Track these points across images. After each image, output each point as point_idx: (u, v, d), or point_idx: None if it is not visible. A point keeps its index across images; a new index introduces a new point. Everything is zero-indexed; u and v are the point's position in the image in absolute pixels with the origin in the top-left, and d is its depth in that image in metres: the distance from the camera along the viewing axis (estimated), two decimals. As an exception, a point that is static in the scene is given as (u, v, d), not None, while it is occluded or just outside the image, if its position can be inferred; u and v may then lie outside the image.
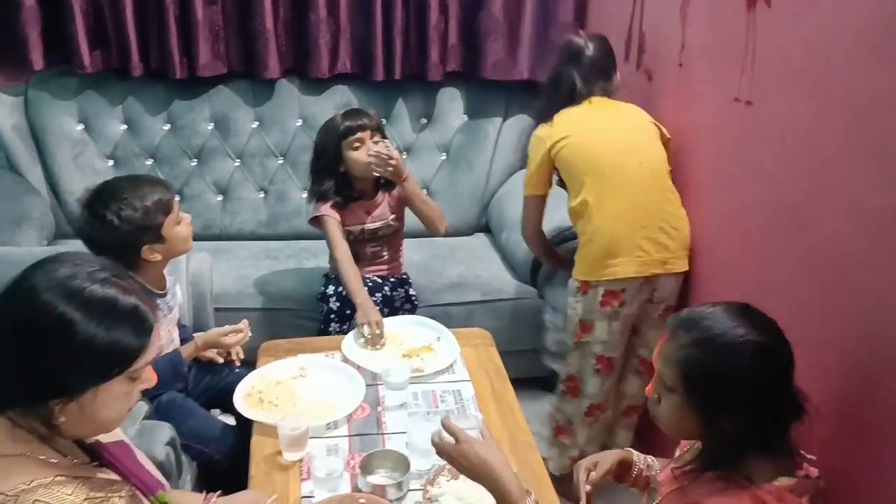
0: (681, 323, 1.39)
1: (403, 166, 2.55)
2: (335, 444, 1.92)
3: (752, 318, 1.36)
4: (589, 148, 2.32)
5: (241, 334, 2.17)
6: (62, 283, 1.11)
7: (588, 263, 2.34)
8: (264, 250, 3.24)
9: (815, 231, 1.66)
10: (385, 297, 2.73)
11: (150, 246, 1.98)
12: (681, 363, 1.35)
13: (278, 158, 3.41)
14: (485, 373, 2.24)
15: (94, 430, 1.21)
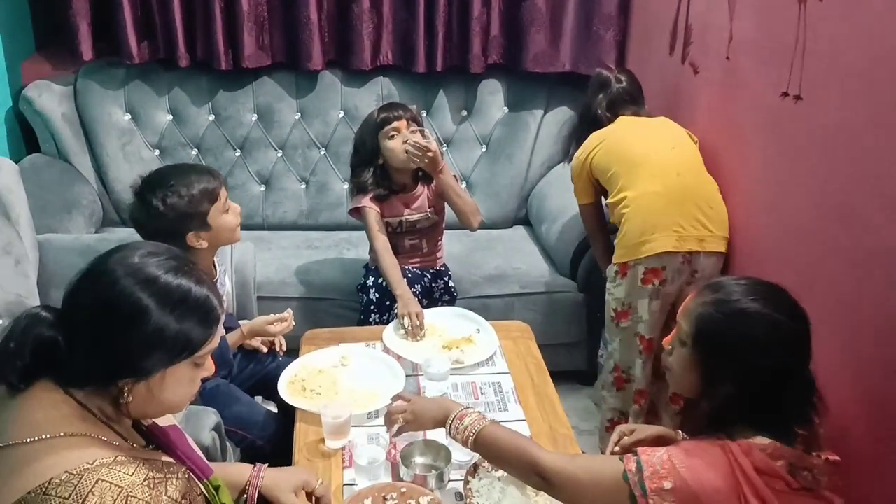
0: (710, 284, 1.45)
1: (440, 157, 2.56)
2: (376, 433, 1.94)
3: (778, 298, 1.39)
4: (620, 145, 2.45)
5: (286, 323, 2.20)
6: (139, 270, 1.15)
7: (626, 245, 2.40)
8: (305, 240, 3.27)
9: (862, 230, 1.63)
10: (424, 289, 2.74)
11: (195, 233, 2.00)
12: (696, 318, 1.40)
13: (320, 149, 3.44)
14: (524, 365, 2.25)
15: (158, 412, 1.26)
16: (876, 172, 1.60)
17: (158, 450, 1.26)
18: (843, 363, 1.57)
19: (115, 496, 1.06)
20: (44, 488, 1.05)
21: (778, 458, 1.33)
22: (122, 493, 1.07)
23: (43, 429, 1.11)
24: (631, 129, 2.50)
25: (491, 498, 1.68)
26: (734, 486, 1.30)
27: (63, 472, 1.06)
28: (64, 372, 1.16)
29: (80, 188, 3.21)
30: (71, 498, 1.04)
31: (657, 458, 1.33)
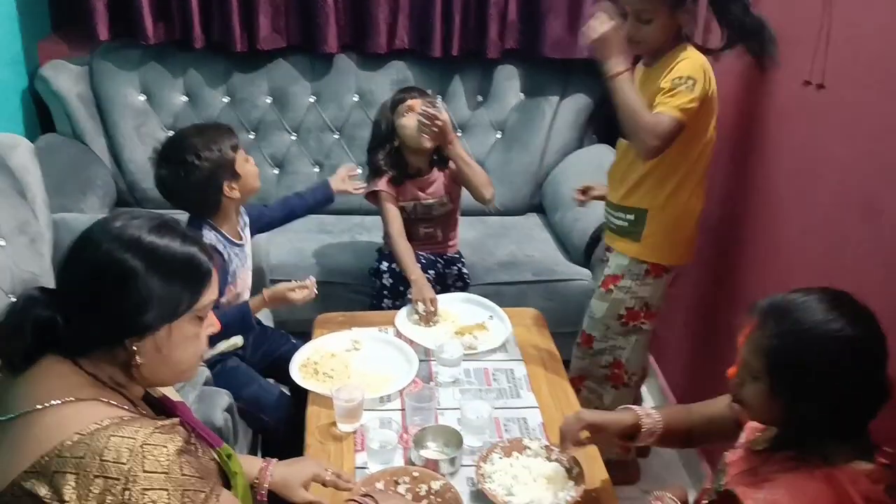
0: (770, 311, 1.35)
1: (451, 129, 2.54)
2: (389, 418, 1.94)
3: (846, 309, 1.31)
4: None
5: (307, 291, 2.18)
6: (121, 234, 1.18)
7: (673, 246, 2.26)
8: (319, 224, 3.26)
9: (885, 223, 1.61)
10: (437, 275, 2.73)
11: (228, 182, 2.08)
12: (768, 353, 1.32)
13: (334, 133, 3.43)
14: (537, 353, 2.24)
15: (171, 374, 1.27)
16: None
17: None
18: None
19: (130, 447, 1.08)
20: (57, 451, 1.07)
21: (879, 482, 1.29)
22: (136, 443, 1.08)
23: (52, 395, 1.13)
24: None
25: (503, 483, 1.68)
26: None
27: (74, 434, 1.08)
28: (68, 345, 1.18)
29: (94, 169, 3.21)
30: (86, 457, 1.06)
31: (761, 501, 1.27)
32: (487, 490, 1.65)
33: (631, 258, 2.28)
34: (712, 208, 2.32)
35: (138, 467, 1.07)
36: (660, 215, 2.21)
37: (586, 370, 2.46)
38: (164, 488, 1.08)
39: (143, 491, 1.06)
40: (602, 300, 2.35)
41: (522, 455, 1.76)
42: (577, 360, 2.47)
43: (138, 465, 1.07)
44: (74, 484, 1.05)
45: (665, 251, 2.26)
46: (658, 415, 1.67)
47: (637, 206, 2.24)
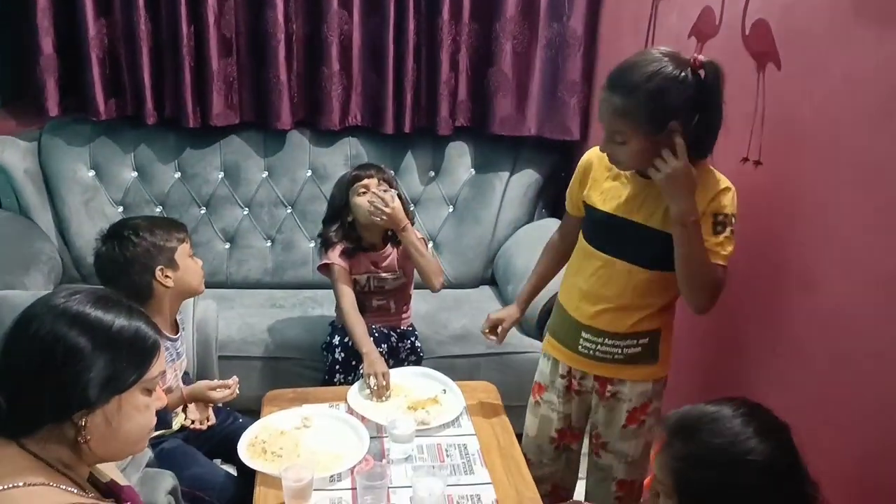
0: (677, 428, 1.33)
1: (401, 215, 2.55)
2: (339, 497, 1.90)
3: (758, 423, 1.28)
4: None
5: (229, 391, 2.11)
6: (66, 311, 1.16)
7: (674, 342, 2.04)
8: (269, 299, 3.23)
9: (826, 294, 1.66)
10: (391, 348, 2.72)
11: (163, 269, 2.05)
12: (677, 475, 1.30)
13: (287, 208, 3.43)
14: (490, 427, 2.22)
15: (120, 447, 1.23)
16: (835, 238, 1.63)
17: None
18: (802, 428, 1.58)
19: None
20: None
21: None
22: None
23: (1, 481, 1.09)
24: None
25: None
26: None
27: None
28: (12, 426, 1.14)
29: (39, 244, 3.15)
30: None
31: None
32: (440, 571, 1.61)
33: (653, 381, 2.03)
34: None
35: None
36: (668, 326, 2.02)
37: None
38: None
39: None
40: (633, 438, 2.05)
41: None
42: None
43: None
44: None
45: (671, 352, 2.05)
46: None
47: (651, 329, 1.97)
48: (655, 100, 1.71)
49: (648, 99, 1.71)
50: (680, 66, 1.72)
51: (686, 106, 1.73)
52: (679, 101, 1.72)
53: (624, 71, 1.77)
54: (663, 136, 1.73)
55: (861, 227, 1.55)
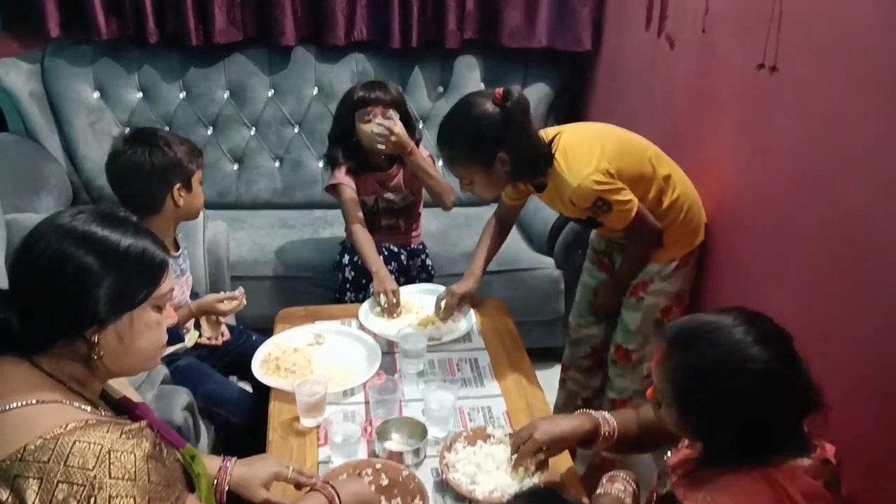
0: (676, 339, 1.33)
1: (406, 140, 2.51)
2: (352, 411, 1.93)
3: (757, 331, 1.27)
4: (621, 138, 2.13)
5: (236, 302, 2.14)
6: (72, 230, 1.15)
7: (690, 232, 2.16)
8: (280, 219, 3.23)
9: (840, 203, 1.63)
10: (401, 267, 2.72)
11: (180, 187, 2.03)
12: (676, 385, 1.31)
13: (294, 127, 3.39)
14: (500, 342, 2.24)
15: (134, 363, 1.24)
16: (851, 146, 1.59)
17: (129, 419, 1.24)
18: (826, 345, 1.57)
19: (96, 453, 1.06)
20: (20, 455, 1.05)
21: (818, 477, 1.30)
22: (102, 449, 1.06)
23: (13, 398, 1.11)
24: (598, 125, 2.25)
25: (466, 472, 1.67)
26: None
27: (37, 438, 1.06)
28: (25, 344, 1.15)
29: (48, 167, 3.14)
30: (50, 462, 1.04)
31: (701, 502, 1.27)
32: (451, 480, 1.64)
33: (658, 264, 2.17)
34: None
35: (104, 474, 1.05)
36: (672, 221, 2.13)
37: (627, 388, 2.30)
38: (130, 496, 1.06)
39: (108, 498, 1.04)
40: (634, 310, 2.21)
41: (486, 443, 1.76)
42: (619, 380, 2.30)
43: (104, 471, 1.05)
44: (37, 488, 1.03)
45: (689, 239, 2.18)
46: (614, 420, 1.66)
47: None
48: (472, 142, 1.94)
49: (467, 144, 1.95)
50: (484, 103, 1.92)
51: (501, 135, 1.92)
52: (493, 135, 1.92)
53: (442, 127, 2.01)
54: (497, 164, 1.95)
55: (881, 135, 1.50)
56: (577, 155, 1.98)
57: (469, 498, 1.62)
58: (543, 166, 2.00)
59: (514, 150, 1.94)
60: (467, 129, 1.95)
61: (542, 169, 2.00)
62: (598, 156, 1.97)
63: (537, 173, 2.03)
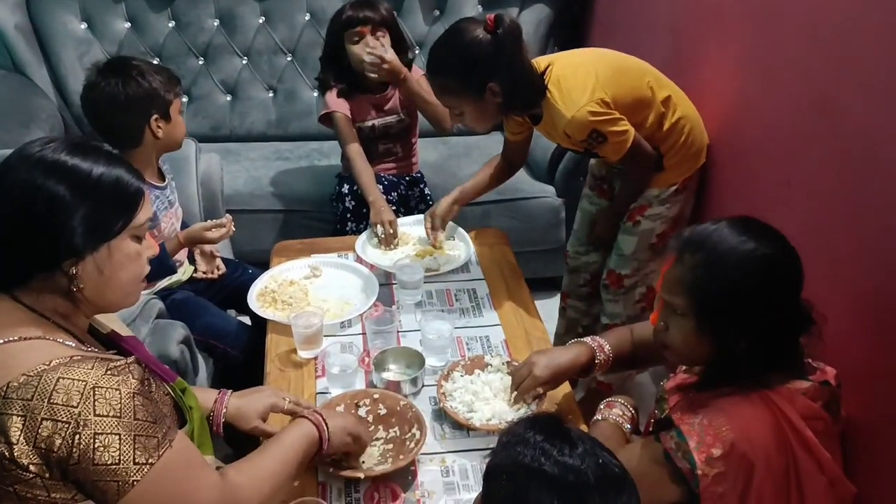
0: (685, 245, 1.34)
1: (398, 67, 2.43)
2: (350, 342, 1.92)
3: (757, 231, 1.32)
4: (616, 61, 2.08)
5: (224, 229, 2.11)
6: (41, 160, 1.11)
7: (691, 156, 2.12)
8: (275, 151, 3.18)
9: (846, 122, 1.57)
10: (400, 197, 2.68)
11: (157, 118, 1.97)
12: (690, 286, 1.31)
13: (286, 55, 3.30)
14: (499, 271, 2.22)
15: (116, 296, 1.21)
16: (857, 62, 1.52)
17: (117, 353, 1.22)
18: (828, 263, 1.54)
19: (80, 390, 1.04)
20: (3, 392, 1.03)
21: (817, 399, 1.31)
22: (86, 386, 1.04)
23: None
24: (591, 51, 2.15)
25: (464, 400, 1.66)
26: (781, 437, 1.27)
27: (20, 375, 1.04)
28: (3, 278, 1.12)
29: (38, 102, 3.07)
30: (34, 399, 1.02)
31: (697, 425, 1.28)
32: (448, 408, 1.64)
33: (657, 188, 2.13)
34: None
35: (89, 411, 1.03)
36: (672, 144, 2.08)
37: (619, 314, 2.30)
38: (115, 433, 1.04)
39: (93, 435, 1.03)
40: (630, 234, 2.19)
41: (484, 372, 1.75)
42: (611, 305, 2.30)
43: (89, 408, 1.03)
44: (21, 426, 1.01)
45: (689, 163, 2.13)
46: (608, 345, 1.65)
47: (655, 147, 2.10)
48: (462, 71, 1.88)
49: (456, 73, 1.89)
50: (475, 30, 1.86)
51: (492, 64, 1.86)
52: (483, 63, 1.86)
53: (432, 54, 1.95)
54: (488, 96, 1.89)
55: (884, 48, 1.43)
56: (571, 85, 1.93)
57: (466, 426, 1.62)
58: (536, 98, 1.95)
59: (505, 81, 1.88)
60: (457, 57, 1.89)
61: (535, 101, 1.96)
62: (593, 85, 1.91)
63: (529, 105, 1.98)
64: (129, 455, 1.05)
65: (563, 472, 0.95)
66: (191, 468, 1.15)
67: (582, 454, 0.97)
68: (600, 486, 0.95)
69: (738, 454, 1.26)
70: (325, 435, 1.40)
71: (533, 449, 0.97)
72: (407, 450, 1.54)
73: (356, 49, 2.45)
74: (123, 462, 1.04)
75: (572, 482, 0.94)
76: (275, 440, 1.37)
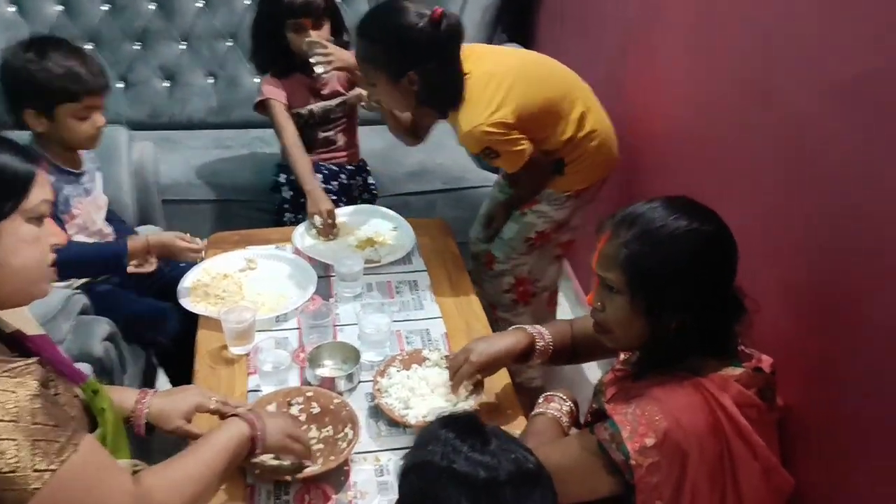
0: (621, 221, 1.32)
1: (350, 61, 2.28)
2: (285, 338, 1.86)
3: (692, 209, 1.30)
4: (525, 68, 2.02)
5: (196, 254, 1.98)
6: None
7: (594, 168, 2.10)
8: (215, 139, 3.08)
9: (780, 107, 1.55)
10: (342, 186, 2.61)
11: (32, 111, 1.84)
12: (625, 261, 1.29)
13: (227, 40, 3.20)
14: (441, 263, 2.17)
15: (17, 285, 1.13)
16: (792, 46, 1.50)
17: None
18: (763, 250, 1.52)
19: None
20: None
21: (750, 386, 1.30)
22: None
23: None
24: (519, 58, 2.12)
25: (400, 396, 1.62)
26: (715, 424, 1.25)
27: None
28: None
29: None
30: None
31: (630, 414, 1.26)
32: (384, 405, 1.59)
33: (552, 189, 2.12)
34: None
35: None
36: (578, 156, 2.06)
37: (490, 295, 2.29)
38: (12, 438, 0.97)
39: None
40: (515, 222, 2.20)
41: (421, 367, 1.70)
42: (486, 284, 2.30)
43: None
44: None
45: (590, 173, 2.11)
46: (548, 334, 1.62)
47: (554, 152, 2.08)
48: (389, 48, 1.86)
49: (383, 48, 1.86)
50: (419, 16, 1.83)
51: (420, 56, 1.84)
52: (412, 51, 1.84)
53: (367, 17, 1.93)
54: (404, 82, 1.88)
55: (816, 34, 1.41)
56: (477, 98, 1.91)
57: (402, 423, 1.57)
58: (449, 106, 1.95)
59: (427, 77, 1.87)
60: (389, 33, 1.86)
61: (447, 108, 1.96)
62: (500, 101, 1.90)
63: (441, 109, 1.98)
64: (27, 462, 0.98)
65: (474, 468, 0.93)
66: (100, 473, 1.08)
67: (495, 450, 0.95)
68: (512, 481, 0.93)
69: (671, 443, 1.24)
70: (259, 435, 1.34)
71: (444, 446, 0.95)
72: (339, 450, 1.48)
73: (297, 40, 2.36)
74: (21, 469, 0.97)
75: (483, 478, 0.92)
76: (202, 441, 1.31)
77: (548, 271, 2.33)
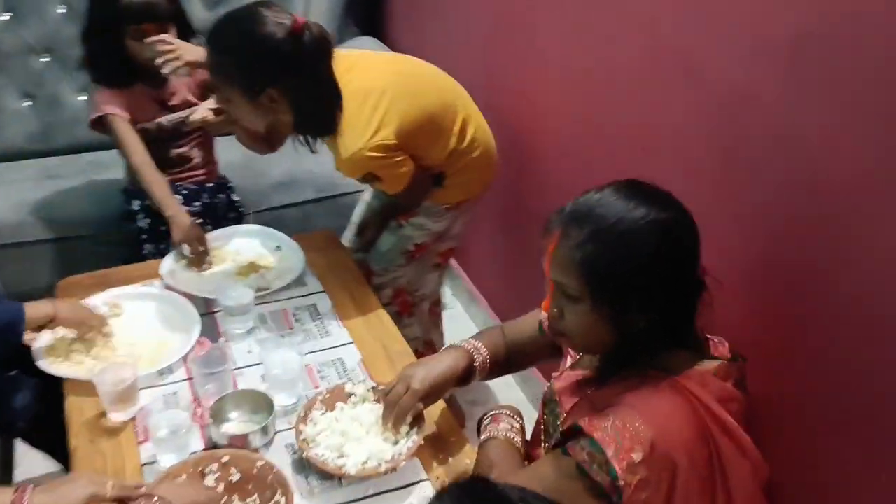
0: (570, 218, 1.18)
1: (200, 53, 1.97)
2: (174, 393, 1.58)
3: (645, 194, 1.18)
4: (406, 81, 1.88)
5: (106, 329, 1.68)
6: None
7: (472, 182, 2.01)
8: (42, 169, 2.69)
9: (709, 84, 1.46)
10: (206, 207, 2.32)
11: None
12: (581, 265, 1.15)
13: (42, 56, 2.80)
14: (339, 280, 1.95)
15: None
16: (717, 14, 1.42)
17: None
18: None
19: None
20: None
21: (728, 378, 1.20)
22: None
23: None
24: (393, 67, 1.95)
25: (331, 444, 1.39)
26: (701, 427, 1.14)
27: None
28: None
29: None
30: None
31: (611, 429, 1.11)
32: (314, 457, 1.36)
33: (430, 202, 2.01)
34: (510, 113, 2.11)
35: None
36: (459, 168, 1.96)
37: None
38: None
39: None
40: (391, 234, 2.07)
41: (347, 404, 1.48)
42: None
43: None
44: None
45: (469, 187, 2.02)
46: (483, 347, 1.47)
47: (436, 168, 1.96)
48: (243, 62, 1.67)
49: (236, 61, 1.67)
50: (275, 26, 1.64)
51: (278, 72, 1.66)
52: (269, 66, 1.66)
53: (219, 26, 1.72)
54: (264, 100, 1.69)
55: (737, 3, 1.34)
56: (355, 120, 1.74)
57: (339, 474, 1.35)
58: (325, 130, 1.78)
59: (292, 95, 1.70)
60: (243, 43, 1.67)
61: (324, 133, 1.79)
62: (380, 120, 1.74)
63: (319, 133, 1.81)
64: None
65: None
66: None
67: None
68: None
69: (659, 454, 1.11)
70: None
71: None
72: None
73: (139, 47, 2.05)
74: None
75: None
76: None
77: (427, 280, 2.20)
